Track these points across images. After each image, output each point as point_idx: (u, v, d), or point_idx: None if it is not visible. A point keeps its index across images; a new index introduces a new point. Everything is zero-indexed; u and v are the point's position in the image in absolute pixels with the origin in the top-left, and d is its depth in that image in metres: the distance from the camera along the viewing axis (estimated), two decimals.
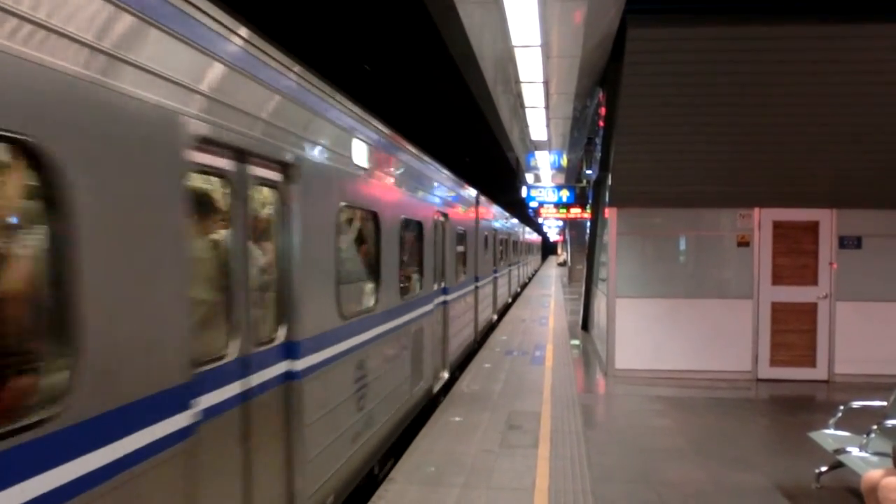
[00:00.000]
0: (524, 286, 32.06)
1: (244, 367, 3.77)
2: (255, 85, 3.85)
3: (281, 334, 4.29)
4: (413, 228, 8.17)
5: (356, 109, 5.74)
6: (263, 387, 3.99)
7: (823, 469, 5.83)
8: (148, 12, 2.82)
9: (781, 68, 8.62)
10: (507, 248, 21.68)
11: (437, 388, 9.28)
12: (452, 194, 10.92)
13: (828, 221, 10.31)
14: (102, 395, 2.54)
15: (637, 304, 10.55)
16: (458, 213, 11.52)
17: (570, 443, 7.05)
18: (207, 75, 3.31)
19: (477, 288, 13.92)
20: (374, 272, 6.42)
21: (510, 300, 22.79)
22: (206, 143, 3.29)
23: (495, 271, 17.59)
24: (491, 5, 7.00)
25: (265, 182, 4.10)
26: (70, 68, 2.38)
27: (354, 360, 5.59)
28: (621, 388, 9.93)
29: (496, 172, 24.96)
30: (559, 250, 65.74)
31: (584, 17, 7.53)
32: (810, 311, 10.35)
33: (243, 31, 3.69)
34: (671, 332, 10.43)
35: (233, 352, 3.65)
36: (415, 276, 8.32)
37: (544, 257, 77.13)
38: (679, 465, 6.52)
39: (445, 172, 10.24)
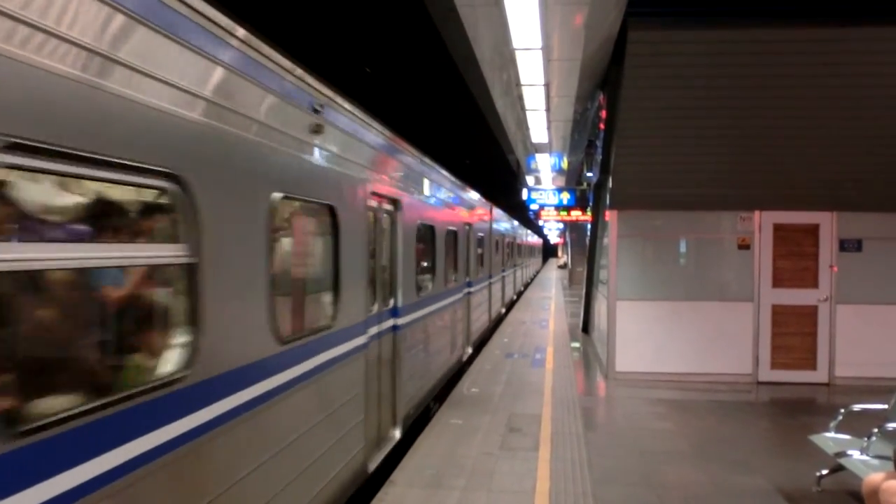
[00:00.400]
0: (527, 285, 34.19)
1: (380, 317, 6.61)
2: (396, 163, 7.15)
3: (392, 302, 7.10)
4: (452, 237, 10.74)
5: (427, 160, 8.71)
6: (386, 331, 6.85)
7: (824, 472, 5.82)
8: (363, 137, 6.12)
9: (782, 71, 8.63)
10: (513, 251, 23.95)
11: (465, 358, 11.93)
12: (474, 208, 13.41)
13: (828, 224, 10.31)
14: (345, 319, 5.35)
15: (638, 307, 10.55)
16: (479, 223, 13.98)
17: (571, 445, 7.05)
18: (381, 162, 6.53)
19: (490, 284, 16.37)
20: (432, 267, 9.18)
21: (515, 297, 25.33)
22: (374, 194, 6.33)
23: (503, 271, 20.02)
24: (492, 8, 7.01)
25: (388, 212, 7.03)
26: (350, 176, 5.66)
27: (423, 323, 8.43)
28: (622, 390, 9.93)
29: (497, 174, 24.97)
30: (560, 253, 65.73)
31: (585, 20, 7.55)
32: (811, 313, 10.35)
33: (400, 142, 7.21)
34: (672, 334, 10.43)
35: (378, 308, 6.52)
36: (452, 271, 10.74)
37: (545, 259, 77.29)
38: (680, 468, 6.52)
39: (473, 193, 13.08)
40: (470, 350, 12.47)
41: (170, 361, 3.07)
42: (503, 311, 19.00)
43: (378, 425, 6.48)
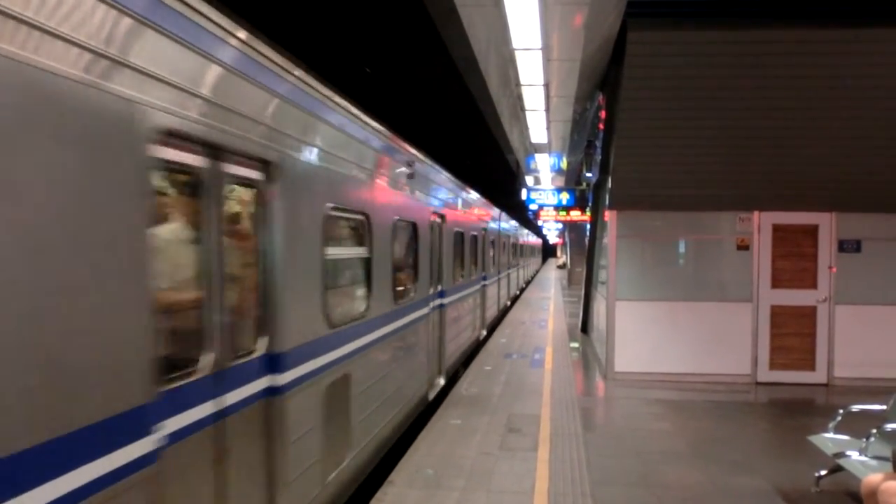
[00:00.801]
0: (528, 282, 36.71)
1: (434, 297, 9.26)
2: (444, 189, 9.73)
3: (439, 287, 9.66)
4: (473, 240, 13.31)
5: (459, 182, 11.55)
6: (436, 306, 9.47)
7: (823, 473, 5.83)
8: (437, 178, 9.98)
9: (781, 72, 8.63)
10: (516, 251, 27.59)
11: (481, 338, 14.56)
12: (488, 214, 15.84)
13: (827, 225, 10.32)
14: (422, 293, 8.26)
15: (637, 307, 10.55)
16: (491, 227, 16.64)
17: (570, 445, 7.05)
18: (436, 190, 9.34)
19: (499, 279, 19.25)
20: (462, 263, 11.80)
21: (518, 292, 28.89)
22: (433, 213, 8.59)
23: (509, 268, 22.83)
24: (492, 8, 7.01)
25: (438, 224, 9.41)
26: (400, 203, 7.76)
27: (457, 305, 11.12)
28: (621, 390, 9.94)
29: (497, 175, 24.99)
30: (559, 253, 65.73)
31: (585, 21, 7.55)
32: (810, 314, 10.36)
33: (446, 173, 9.81)
34: (671, 335, 10.44)
35: (434, 290, 9.21)
36: (473, 267, 13.36)
37: (544, 259, 77.63)
38: (678, 469, 6.52)
39: (487, 204, 15.74)
40: (484, 332, 15.24)
41: (363, 305, 6.01)
42: (508, 303, 21.96)
43: (432, 371, 9.33)
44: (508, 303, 22.08)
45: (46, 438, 2.27)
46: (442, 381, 9.81)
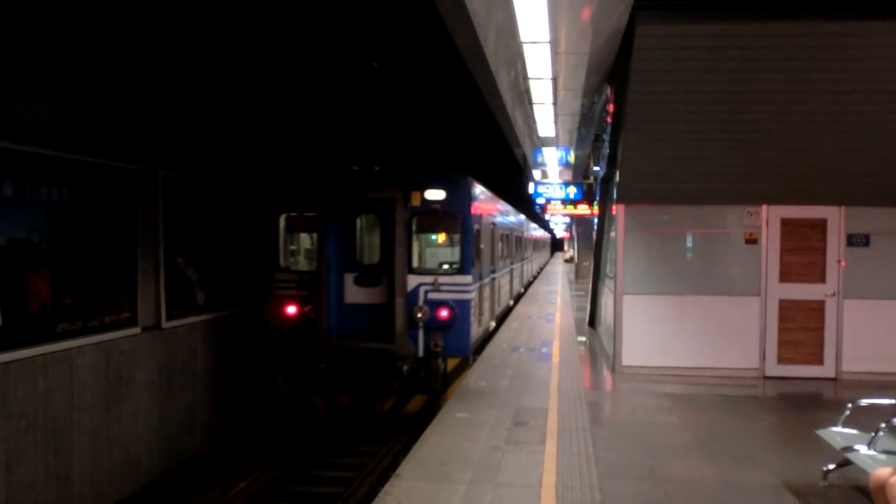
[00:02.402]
0: (535, 276, 38.77)
1: (492, 271, 14.39)
2: (494, 208, 14.79)
3: (492, 266, 14.34)
4: (505, 237, 17.52)
5: (499, 198, 16.39)
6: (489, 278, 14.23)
7: (831, 467, 5.83)
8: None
9: (790, 65, 8.58)
10: (531, 245, 32.79)
11: (512, 304, 20.02)
12: (511, 216, 19.66)
13: (836, 219, 10.28)
14: (498, 265, 15.72)
15: (644, 301, 10.54)
16: (515, 226, 20.83)
17: (577, 439, 7.06)
18: (493, 209, 15.33)
19: (522, 264, 24.99)
20: (501, 253, 16.41)
21: (532, 279, 33.65)
22: (490, 223, 14.05)
23: (523, 259, 26.64)
24: (500, 1, 6.99)
25: (490, 227, 13.69)
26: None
27: (500, 279, 16.14)
28: (628, 384, 9.94)
29: (505, 169, 25.03)
30: (566, 247, 65.67)
31: (593, 14, 7.52)
32: (818, 308, 10.33)
33: (496, 197, 16.29)
34: (678, 329, 10.43)
35: (493, 265, 14.67)
36: (507, 256, 18.27)
37: (552, 253, 78.20)
38: (686, 462, 6.53)
39: (512, 209, 20.39)
40: (511, 303, 19.66)
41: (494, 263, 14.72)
42: (522, 290, 25.73)
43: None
44: (522, 290, 27.07)
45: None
46: (493, 325, 14.84)
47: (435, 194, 10.30)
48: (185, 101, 9.66)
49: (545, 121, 13.41)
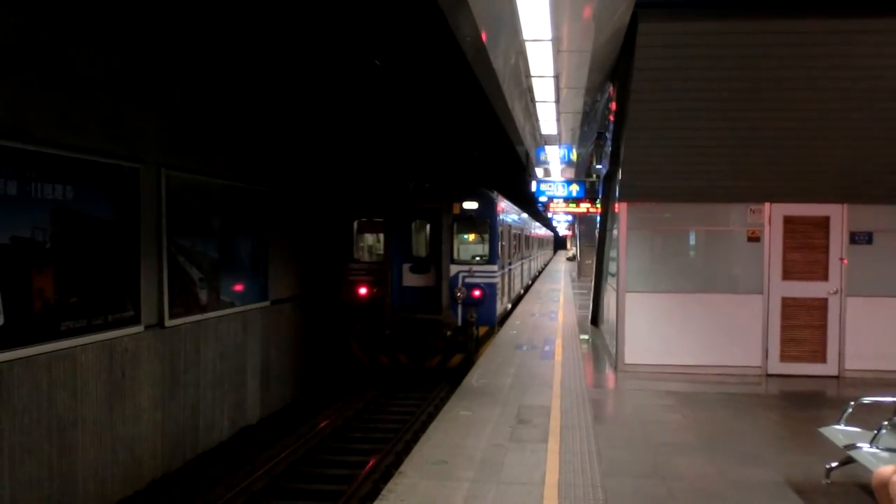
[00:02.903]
0: (539, 272, 41.53)
1: (511, 262, 18.15)
2: (515, 214, 20.20)
3: (510, 258, 17.88)
4: (518, 236, 20.20)
5: (517, 206, 21.92)
6: (508, 268, 17.59)
7: (834, 465, 5.83)
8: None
9: (793, 63, 8.57)
10: (539, 244, 37.68)
11: (522, 292, 22.78)
12: (523, 217, 23.08)
13: (839, 217, 10.27)
14: (514, 258, 19.54)
15: (647, 299, 10.54)
16: (525, 225, 24.05)
17: (580, 437, 7.07)
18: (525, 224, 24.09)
19: (531, 259, 29.01)
20: (518, 249, 20.74)
21: (538, 273, 37.19)
22: (509, 227, 17.59)
23: (531, 256, 29.65)
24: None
25: (509, 227, 17.51)
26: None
27: (517, 269, 20.42)
28: (631, 382, 9.94)
29: (506, 168, 25.14)
30: (568, 245, 65.63)
31: (595, 12, 7.51)
32: (821, 306, 10.32)
33: (517, 208, 21.78)
34: (681, 327, 10.43)
35: (512, 259, 18.42)
36: (522, 251, 21.90)
37: (555, 251, 78.49)
38: (688, 460, 6.54)
39: (524, 213, 24.33)
40: (522, 291, 23.05)
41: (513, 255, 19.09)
42: (530, 282, 28.59)
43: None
44: (530, 282, 29.80)
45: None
46: (510, 306, 18.14)
47: (470, 205, 13.82)
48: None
49: (547, 119, 13.40)
